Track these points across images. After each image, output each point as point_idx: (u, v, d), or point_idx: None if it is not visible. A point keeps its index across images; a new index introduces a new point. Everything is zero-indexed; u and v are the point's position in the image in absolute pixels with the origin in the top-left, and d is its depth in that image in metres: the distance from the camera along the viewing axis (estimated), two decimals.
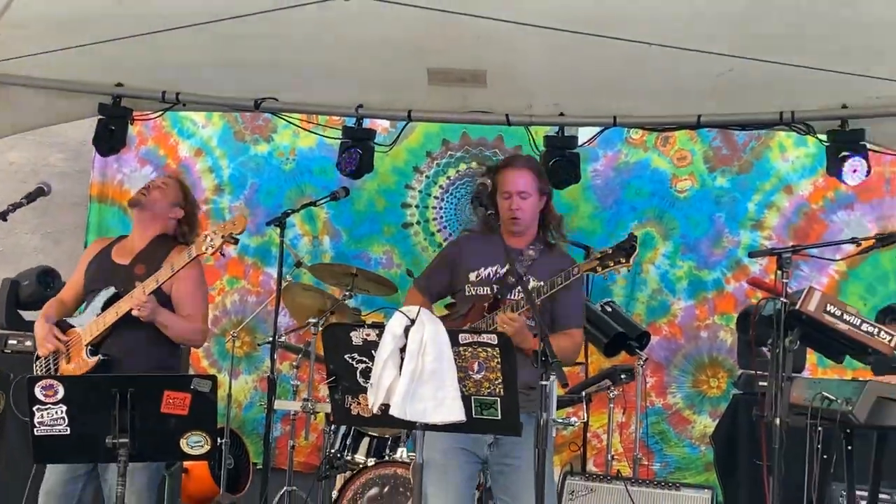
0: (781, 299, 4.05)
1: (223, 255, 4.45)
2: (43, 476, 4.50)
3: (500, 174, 4.52)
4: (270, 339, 6.08)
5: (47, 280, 7.21)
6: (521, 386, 3.56)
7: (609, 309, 6.29)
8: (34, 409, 3.65)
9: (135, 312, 4.39)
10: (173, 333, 4.55)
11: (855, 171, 6.24)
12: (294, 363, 6.84)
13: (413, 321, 3.21)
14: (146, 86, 6.78)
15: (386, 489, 5.61)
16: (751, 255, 4.60)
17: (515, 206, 4.41)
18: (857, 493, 4.34)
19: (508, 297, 4.34)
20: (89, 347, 4.49)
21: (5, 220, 4.64)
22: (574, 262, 4.49)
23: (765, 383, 5.58)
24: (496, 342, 3.33)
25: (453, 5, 5.19)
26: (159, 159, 8.46)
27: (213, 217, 8.30)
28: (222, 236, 4.35)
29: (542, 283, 4.31)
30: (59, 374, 4.56)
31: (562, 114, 6.74)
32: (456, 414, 3.23)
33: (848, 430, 4.09)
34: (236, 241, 4.42)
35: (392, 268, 8.07)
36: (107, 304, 4.52)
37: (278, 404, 6.28)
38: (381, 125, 7.50)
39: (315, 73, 6.57)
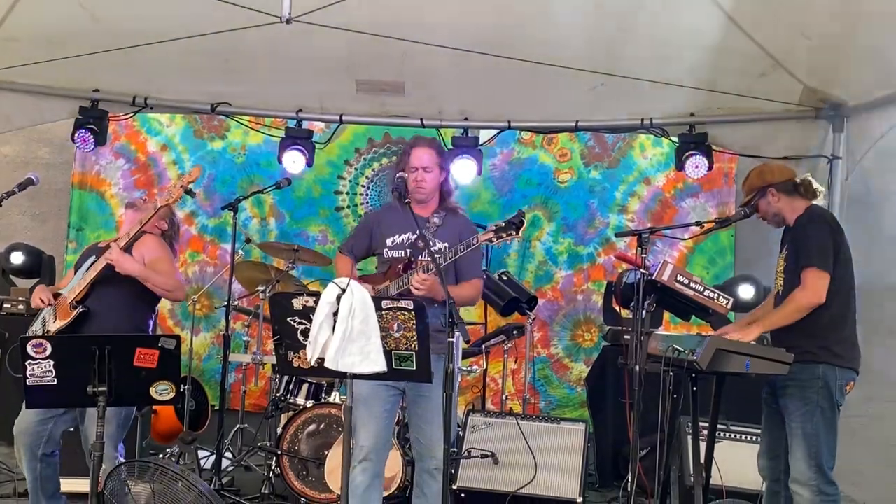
0: (641, 271, 4.12)
1: (183, 200, 4.31)
2: None
3: (408, 153, 4.51)
4: (226, 303, 6.02)
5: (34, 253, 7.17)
6: (432, 329, 3.56)
7: (505, 278, 6.33)
8: (26, 363, 3.57)
9: (107, 258, 4.29)
10: (153, 284, 4.43)
11: (697, 166, 6.38)
12: (245, 323, 6.78)
13: (344, 290, 3.20)
14: (119, 90, 6.65)
15: (322, 426, 5.57)
16: (617, 235, 4.65)
17: (420, 177, 4.40)
18: (701, 424, 4.42)
19: (420, 258, 4.33)
20: (73, 303, 4.40)
21: (0, 205, 4.51)
22: (475, 230, 4.47)
23: (628, 337, 5.72)
24: (412, 307, 3.33)
25: (378, 30, 5.19)
26: (131, 153, 8.28)
27: (179, 204, 8.14)
28: (181, 186, 4.27)
29: (445, 245, 4.30)
30: (47, 327, 4.49)
31: (466, 118, 6.78)
32: (379, 366, 3.23)
33: (693, 375, 4.16)
34: (192, 193, 4.33)
35: (327, 244, 8.02)
36: (89, 268, 4.44)
37: (232, 357, 6.24)
38: (317, 126, 7.44)
39: (262, 82, 6.51)
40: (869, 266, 5.61)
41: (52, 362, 3.57)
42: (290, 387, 5.88)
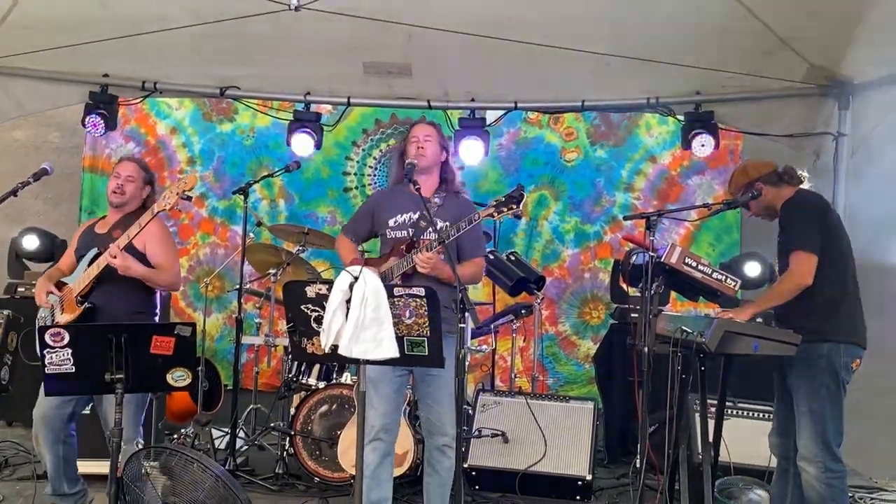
0: (649, 253, 4.12)
1: (180, 209, 4.38)
2: None
3: (408, 132, 4.53)
4: (238, 286, 6.03)
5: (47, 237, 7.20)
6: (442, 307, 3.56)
7: (513, 258, 6.32)
8: (44, 352, 3.58)
9: (111, 263, 4.33)
10: (153, 283, 4.49)
11: (703, 145, 6.36)
12: (257, 305, 6.81)
13: (356, 278, 3.21)
14: (129, 75, 6.65)
15: (334, 406, 5.61)
16: (625, 218, 4.64)
17: (420, 144, 4.40)
18: (708, 401, 4.43)
19: (422, 237, 4.32)
20: (78, 298, 4.44)
21: (16, 195, 4.52)
22: (474, 207, 4.48)
23: (635, 315, 5.73)
24: (423, 294, 3.33)
25: (385, 15, 5.17)
26: (140, 136, 8.27)
27: None
28: (177, 194, 4.28)
29: (447, 224, 4.29)
30: (55, 318, 4.52)
31: (473, 99, 6.76)
32: (392, 352, 3.23)
33: (701, 356, 4.16)
34: (189, 198, 4.35)
35: (336, 224, 8.01)
36: (91, 263, 4.47)
37: (245, 339, 6.26)
38: (325, 108, 7.42)
39: (270, 65, 6.50)
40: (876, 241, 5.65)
41: (70, 351, 3.58)
42: (302, 368, 5.89)
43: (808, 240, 4.07)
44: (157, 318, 4.68)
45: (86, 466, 4.77)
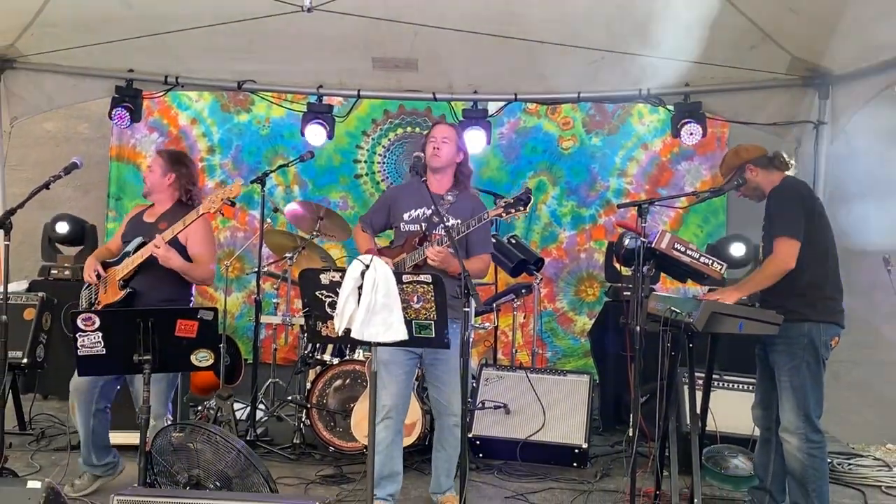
0: (641, 239, 4.12)
1: (222, 213, 4.42)
2: None
3: (430, 131, 4.55)
4: (256, 269, 6.05)
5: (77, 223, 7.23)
6: (448, 297, 3.58)
7: (513, 241, 6.32)
8: (76, 335, 3.61)
9: (154, 253, 4.36)
10: (190, 277, 4.51)
11: (692, 133, 6.33)
12: (274, 286, 6.83)
13: (367, 266, 3.22)
14: (152, 70, 6.62)
15: (347, 381, 5.64)
16: (619, 206, 4.62)
17: (437, 145, 4.42)
18: (696, 375, 4.45)
19: (434, 232, 4.35)
20: (121, 281, 4.47)
21: (48, 188, 4.53)
22: (484, 206, 4.50)
23: (628, 293, 5.74)
24: (430, 281, 3.35)
25: (392, 14, 5.15)
26: (163, 127, 8.28)
27: (208, 172, 8.19)
28: (222, 199, 4.30)
29: (458, 221, 4.32)
30: (98, 299, 4.55)
31: (475, 91, 6.73)
32: (401, 335, 3.25)
33: (689, 334, 4.18)
34: (233, 204, 4.38)
35: (347, 209, 8.03)
36: (136, 250, 4.49)
37: (263, 319, 6.28)
38: (336, 99, 7.40)
39: (284, 61, 6.47)
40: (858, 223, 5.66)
41: (100, 334, 3.61)
42: (317, 345, 5.92)
43: (793, 226, 4.07)
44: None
45: (119, 437, 4.82)
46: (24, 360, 5.69)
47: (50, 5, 5.48)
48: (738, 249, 6.57)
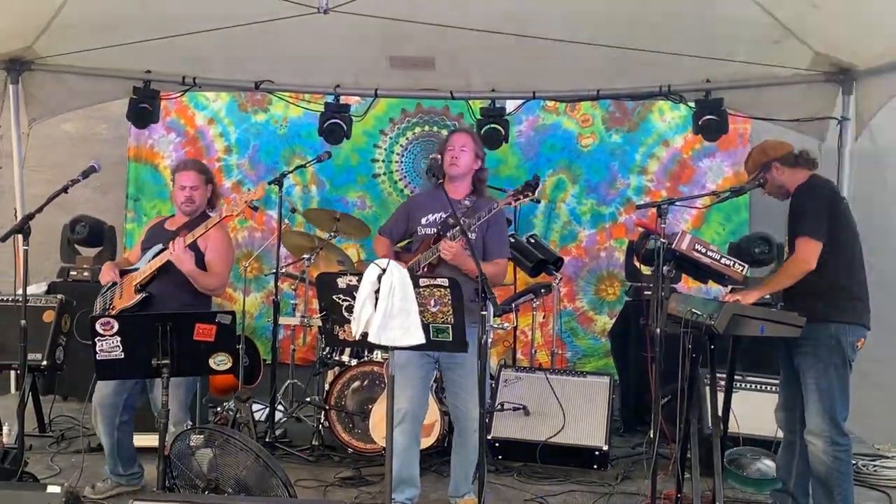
0: (661, 240, 4.10)
1: (245, 217, 4.44)
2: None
3: (448, 138, 4.58)
4: (275, 270, 6.07)
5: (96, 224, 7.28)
6: (465, 300, 3.59)
7: (532, 240, 6.31)
8: (95, 339, 3.63)
9: (170, 256, 4.38)
10: (200, 285, 4.52)
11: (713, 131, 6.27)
12: (293, 287, 6.85)
13: (384, 270, 3.23)
14: (169, 72, 6.64)
15: (366, 382, 5.66)
16: (638, 207, 4.61)
17: (455, 154, 4.44)
18: (718, 376, 4.42)
19: (448, 232, 4.36)
20: (137, 286, 4.49)
21: (67, 192, 4.57)
22: (502, 211, 4.51)
23: (649, 293, 5.70)
24: (447, 284, 3.36)
25: (409, 15, 5.14)
26: (181, 127, 8.31)
27: (225, 172, 8.21)
28: (244, 202, 4.33)
29: (474, 221, 4.33)
30: (112, 304, 4.57)
31: (493, 90, 6.70)
32: (418, 338, 3.26)
33: (710, 336, 4.15)
34: (256, 208, 4.41)
35: (365, 209, 8.04)
36: (155, 256, 4.52)
37: (282, 320, 6.30)
38: (353, 98, 7.40)
39: (301, 61, 6.48)
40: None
41: (119, 338, 3.64)
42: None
43: (816, 227, 4.04)
44: None
45: (139, 440, 4.86)
46: (44, 363, 5.72)
47: (67, 7, 5.52)
48: (760, 248, 6.52)
